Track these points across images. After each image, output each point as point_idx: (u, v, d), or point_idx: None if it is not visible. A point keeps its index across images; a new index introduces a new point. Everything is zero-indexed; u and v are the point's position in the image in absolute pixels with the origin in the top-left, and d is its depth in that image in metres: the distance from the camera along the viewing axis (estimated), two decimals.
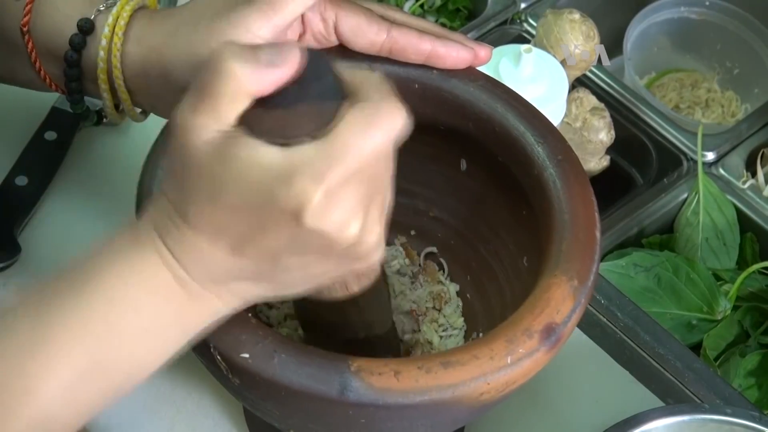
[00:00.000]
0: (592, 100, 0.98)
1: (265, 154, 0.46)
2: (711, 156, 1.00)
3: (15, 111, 0.86)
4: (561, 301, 0.55)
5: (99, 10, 0.65)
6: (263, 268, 0.49)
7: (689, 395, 0.79)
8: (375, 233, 0.50)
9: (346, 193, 0.47)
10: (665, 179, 1.00)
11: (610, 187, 0.97)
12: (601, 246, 0.60)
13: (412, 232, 0.74)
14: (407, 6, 1.16)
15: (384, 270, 0.63)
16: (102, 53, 0.64)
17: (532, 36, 1.07)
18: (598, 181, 0.96)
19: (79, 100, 0.68)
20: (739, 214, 0.97)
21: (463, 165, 0.69)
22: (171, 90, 0.62)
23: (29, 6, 0.65)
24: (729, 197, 0.97)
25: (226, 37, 0.59)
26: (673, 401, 0.78)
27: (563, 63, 0.95)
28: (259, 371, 0.52)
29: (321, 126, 0.46)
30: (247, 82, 0.46)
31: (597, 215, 0.60)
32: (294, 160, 0.46)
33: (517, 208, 0.65)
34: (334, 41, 0.64)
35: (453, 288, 0.73)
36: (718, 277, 0.92)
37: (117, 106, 0.68)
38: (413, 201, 0.72)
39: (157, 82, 0.63)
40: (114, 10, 0.64)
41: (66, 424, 0.50)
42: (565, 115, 0.96)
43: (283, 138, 0.46)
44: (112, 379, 0.50)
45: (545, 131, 0.64)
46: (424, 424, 0.55)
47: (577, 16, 0.96)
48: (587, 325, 0.81)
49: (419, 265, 0.74)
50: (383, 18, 0.64)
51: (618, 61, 1.12)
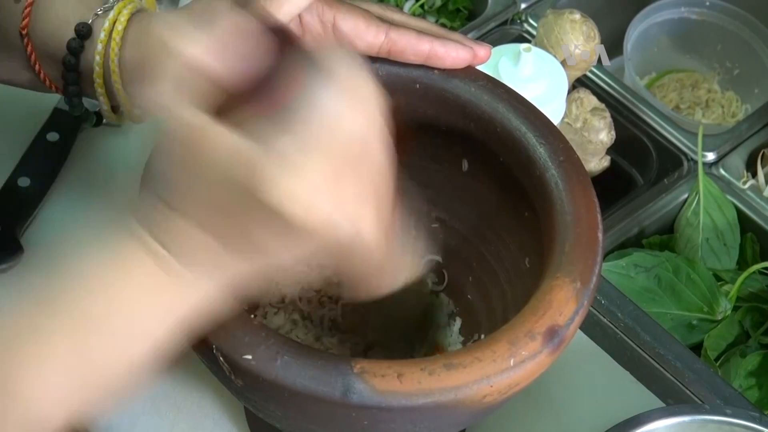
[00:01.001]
0: (592, 101, 0.98)
1: (234, 142, 0.46)
2: (711, 156, 1.00)
3: (17, 112, 0.86)
4: (564, 302, 0.55)
5: (96, 14, 0.65)
6: (243, 247, 0.49)
7: (690, 395, 0.79)
8: (370, 223, 0.49)
9: (314, 175, 0.46)
10: (665, 180, 1.00)
11: (611, 188, 0.96)
12: (604, 247, 0.60)
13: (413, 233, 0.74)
14: (407, 6, 1.16)
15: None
16: (98, 58, 0.64)
17: (533, 36, 1.07)
18: (599, 181, 0.96)
19: (78, 102, 0.68)
20: (740, 214, 0.97)
21: (465, 165, 0.69)
22: None
23: (28, 9, 0.65)
24: (729, 197, 0.97)
25: None
26: (673, 401, 0.78)
27: (563, 63, 0.95)
28: (261, 373, 0.52)
29: (293, 111, 0.46)
30: (216, 69, 0.46)
31: (599, 216, 0.60)
32: (264, 146, 0.46)
33: (519, 209, 0.65)
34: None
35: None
36: (718, 278, 0.92)
37: (117, 108, 0.68)
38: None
39: None
40: (111, 15, 0.64)
41: (60, 423, 0.50)
42: (566, 116, 0.96)
43: (253, 125, 0.46)
44: (102, 374, 0.50)
45: (547, 132, 0.64)
46: (427, 426, 0.55)
47: (577, 16, 0.96)
48: (588, 325, 0.81)
49: None
50: (382, 19, 0.64)
51: (618, 62, 1.12)
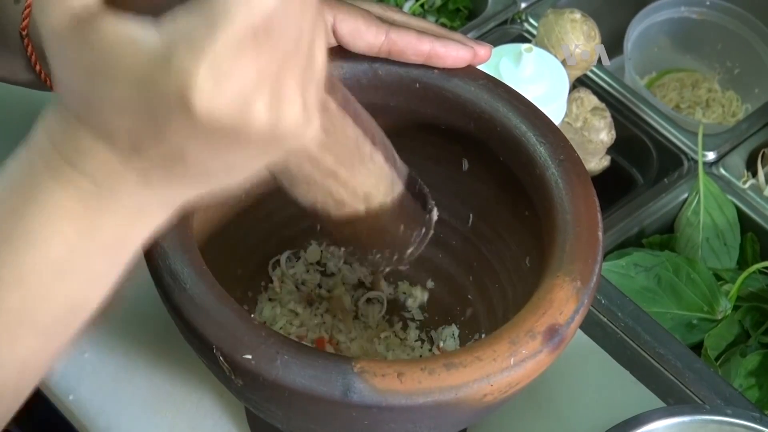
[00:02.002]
0: (592, 100, 0.98)
1: (135, 34, 0.38)
2: (711, 156, 1.00)
3: (17, 111, 0.86)
4: (564, 302, 0.55)
5: None
6: (169, 165, 0.42)
7: (690, 395, 0.79)
8: (294, 104, 0.41)
9: (239, 64, 0.38)
10: (666, 179, 1.00)
11: (611, 187, 0.97)
12: (604, 246, 0.60)
13: None
14: (407, 6, 1.16)
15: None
16: None
17: (533, 36, 1.07)
18: (599, 181, 0.96)
19: None
20: (740, 213, 0.97)
21: (465, 165, 0.69)
22: None
23: (28, 10, 0.65)
24: (729, 197, 0.97)
25: None
26: (673, 401, 0.78)
27: (563, 63, 0.95)
28: (262, 372, 0.52)
29: None
30: None
31: (599, 216, 0.60)
32: (168, 34, 0.38)
33: (519, 208, 0.65)
34: (333, 43, 0.64)
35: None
36: (718, 277, 0.92)
37: None
38: None
39: None
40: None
41: (15, 384, 0.46)
42: (566, 115, 0.96)
43: (155, 11, 0.39)
44: (44, 323, 0.45)
45: (547, 131, 0.63)
46: (428, 426, 0.55)
47: (578, 15, 0.96)
48: (588, 325, 0.81)
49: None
50: (382, 19, 0.64)
51: (618, 61, 1.12)
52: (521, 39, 1.08)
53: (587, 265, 0.57)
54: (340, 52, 0.64)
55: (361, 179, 0.57)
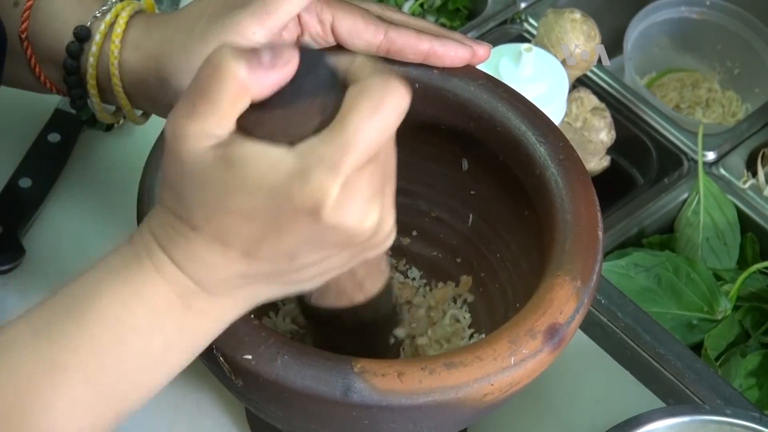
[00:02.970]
0: (592, 100, 0.98)
1: (273, 154, 0.45)
2: (711, 156, 1.00)
3: (18, 113, 0.86)
4: (564, 301, 0.55)
5: (95, 17, 0.64)
6: (278, 268, 0.48)
7: (690, 395, 0.79)
8: (390, 219, 0.48)
9: (362, 183, 0.45)
10: (666, 179, 1.00)
11: (611, 187, 0.97)
12: (604, 246, 0.60)
13: (414, 233, 0.74)
14: (407, 6, 1.16)
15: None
16: (92, 59, 0.64)
17: (533, 36, 1.07)
18: (599, 181, 0.96)
19: (83, 105, 0.68)
20: (740, 214, 0.97)
21: (465, 165, 0.69)
22: (170, 95, 0.62)
23: (27, 13, 0.65)
24: (729, 197, 0.97)
25: (219, 43, 0.58)
26: (673, 401, 0.78)
27: (563, 63, 0.95)
28: (262, 373, 0.52)
29: (324, 120, 0.46)
30: (249, 82, 0.44)
31: (599, 215, 0.60)
32: (305, 156, 0.44)
33: (519, 208, 0.65)
34: (331, 42, 0.64)
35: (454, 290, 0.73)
36: (718, 277, 0.92)
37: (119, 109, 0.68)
38: (415, 201, 0.72)
39: (155, 88, 0.63)
40: (107, 17, 0.64)
41: None
42: (566, 115, 0.96)
43: (286, 138, 0.45)
44: (118, 404, 0.49)
45: (547, 131, 0.63)
46: (428, 425, 0.55)
47: (578, 15, 0.96)
48: (588, 325, 0.81)
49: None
50: (381, 18, 0.64)
51: (618, 61, 1.12)
52: (521, 39, 1.08)
53: (587, 264, 0.57)
54: (339, 51, 0.64)
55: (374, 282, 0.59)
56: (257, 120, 0.46)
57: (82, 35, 0.64)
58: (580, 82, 1.03)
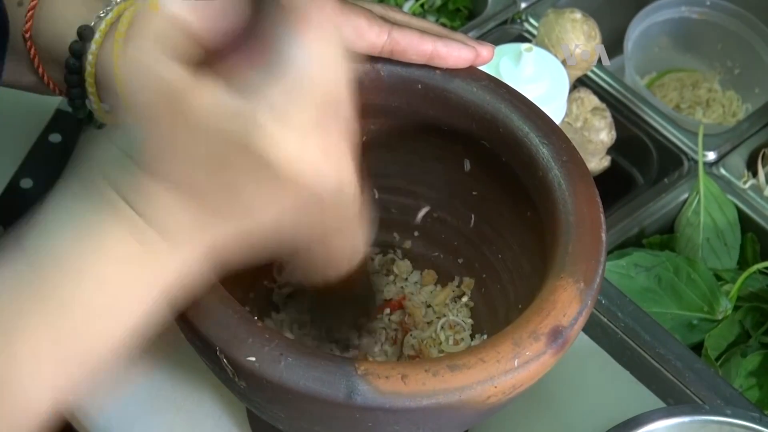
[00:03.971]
0: (593, 100, 0.98)
1: (220, 97, 0.44)
2: (712, 156, 1.00)
3: (19, 114, 0.86)
4: (567, 303, 0.55)
5: (99, 17, 0.64)
6: (233, 213, 0.47)
7: (690, 395, 0.79)
8: (343, 165, 0.48)
9: (312, 123, 0.45)
10: (666, 179, 1.00)
11: (611, 187, 0.96)
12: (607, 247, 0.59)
13: (416, 234, 0.74)
14: (407, 6, 1.16)
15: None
16: (91, 58, 0.64)
17: (533, 36, 1.07)
18: (599, 181, 0.95)
19: (81, 105, 0.68)
20: (740, 214, 0.97)
21: (467, 166, 0.69)
22: None
23: (31, 12, 0.65)
24: (730, 197, 0.97)
25: None
26: (673, 401, 0.78)
27: (564, 63, 0.95)
28: (265, 375, 0.52)
29: (271, 62, 0.45)
30: (182, 13, 0.45)
31: (602, 217, 0.60)
32: (251, 97, 0.44)
33: (522, 209, 0.65)
34: None
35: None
36: (718, 277, 0.92)
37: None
38: (417, 202, 0.72)
39: None
40: (109, 17, 0.64)
41: (47, 408, 0.49)
42: (566, 115, 0.96)
43: (234, 80, 0.45)
44: (84, 355, 0.48)
45: (549, 132, 0.63)
46: (431, 427, 0.55)
47: (578, 15, 0.96)
48: (588, 325, 0.81)
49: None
50: (384, 19, 0.64)
51: (619, 61, 1.12)
52: (521, 39, 1.08)
53: (590, 266, 0.57)
54: None
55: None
56: (207, 60, 0.46)
57: (86, 35, 0.64)
58: (581, 82, 1.03)
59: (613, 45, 1.10)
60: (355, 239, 0.56)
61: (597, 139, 0.97)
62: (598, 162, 0.99)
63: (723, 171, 0.99)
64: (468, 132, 0.66)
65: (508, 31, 1.09)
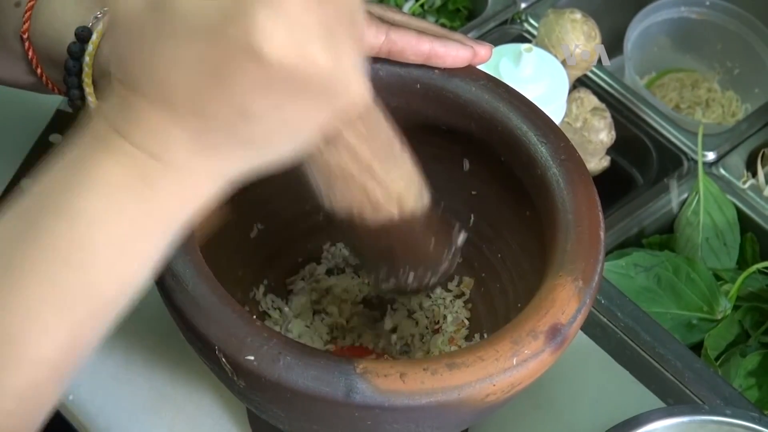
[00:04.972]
0: (592, 100, 0.98)
1: None
2: (711, 156, 1.00)
3: (20, 114, 0.86)
4: (566, 301, 0.55)
5: (96, 17, 0.64)
6: (231, 123, 0.43)
7: (689, 395, 0.79)
8: (348, 57, 0.43)
9: (308, 16, 0.41)
10: (666, 179, 1.00)
11: (611, 187, 0.97)
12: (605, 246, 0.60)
13: None
14: (407, 6, 1.16)
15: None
16: (88, 59, 0.64)
17: (533, 36, 1.07)
18: (599, 181, 0.95)
19: (81, 105, 0.68)
20: (740, 214, 0.97)
21: (466, 165, 0.69)
22: None
23: (28, 13, 0.65)
24: (729, 197, 0.97)
25: None
26: (673, 401, 0.78)
27: (563, 63, 0.95)
28: (264, 373, 0.52)
29: None
30: None
31: (601, 215, 0.60)
32: None
33: (521, 208, 0.65)
34: None
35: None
36: (718, 277, 0.92)
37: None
38: None
39: None
40: (106, 17, 0.64)
41: (59, 362, 0.46)
42: (566, 115, 0.96)
43: None
44: (91, 302, 0.45)
45: (548, 131, 0.63)
46: (430, 426, 0.55)
47: (578, 15, 0.96)
48: (588, 325, 0.81)
49: None
50: (381, 20, 0.64)
51: (618, 61, 1.12)
52: (521, 39, 1.08)
53: (589, 264, 0.57)
54: None
55: (394, 178, 0.57)
56: None
57: (84, 36, 0.64)
58: (580, 83, 1.03)
59: (613, 45, 1.10)
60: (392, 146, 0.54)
61: (597, 139, 0.97)
62: (597, 162, 0.99)
63: (722, 171, 0.99)
64: (467, 131, 0.66)
65: (508, 31, 1.09)
